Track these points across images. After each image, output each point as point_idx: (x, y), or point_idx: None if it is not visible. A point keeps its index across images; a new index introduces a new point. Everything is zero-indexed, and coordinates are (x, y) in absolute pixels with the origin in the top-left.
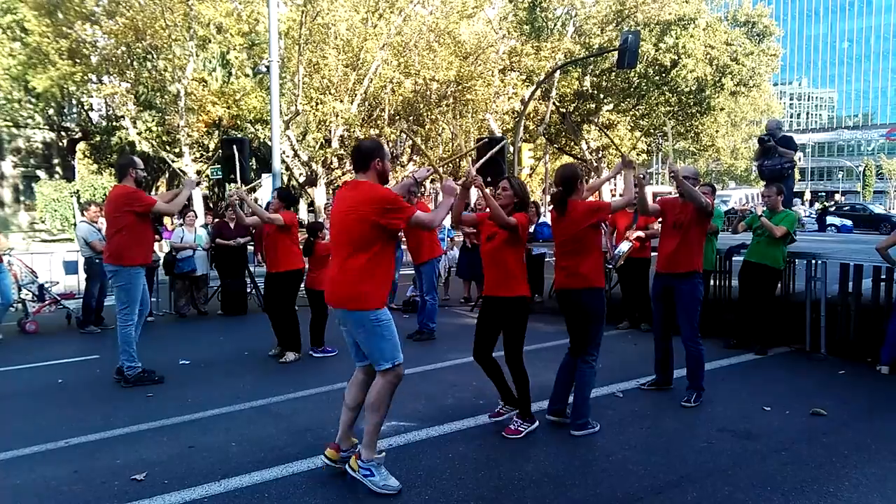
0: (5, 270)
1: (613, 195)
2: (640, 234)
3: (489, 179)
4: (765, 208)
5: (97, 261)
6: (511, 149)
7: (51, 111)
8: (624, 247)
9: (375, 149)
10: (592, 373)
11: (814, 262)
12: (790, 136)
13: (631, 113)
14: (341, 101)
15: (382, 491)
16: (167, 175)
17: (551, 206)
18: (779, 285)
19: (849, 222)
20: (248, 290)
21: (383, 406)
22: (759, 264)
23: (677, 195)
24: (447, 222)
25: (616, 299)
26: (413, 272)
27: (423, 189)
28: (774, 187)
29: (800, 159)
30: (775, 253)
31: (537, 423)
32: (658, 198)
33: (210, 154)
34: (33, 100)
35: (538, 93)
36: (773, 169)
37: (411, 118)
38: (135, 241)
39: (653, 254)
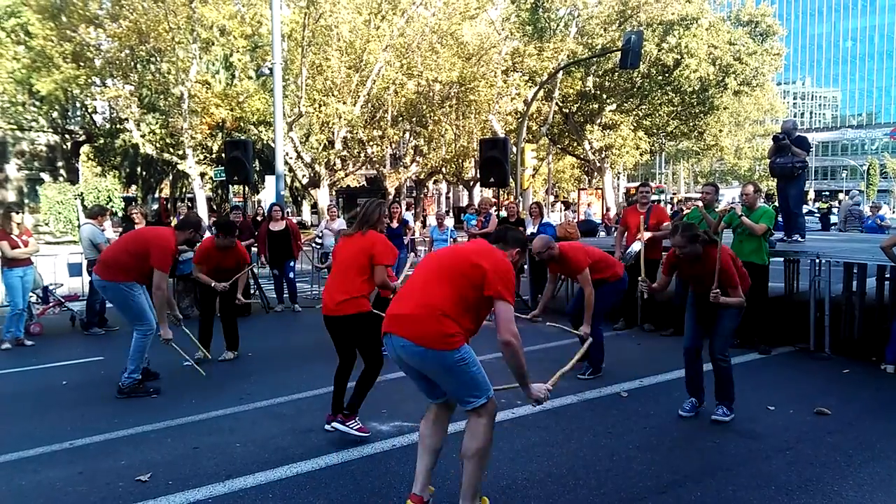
0: (31, 273)
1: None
2: (652, 234)
3: (492, 180)
4: (743, 205)
5: None
6: (514, 149)
7: (55, 114)
8: (636, 247)
9: (522, 242)
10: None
11: (818, 261)
12: (804, 137)
13: (634, 113)
14: (344, 103)
15: None
16: (171, 177)
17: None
18: (782, 284)
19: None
20: (252, 290)
21: (489, 452)
22: (745, 263)
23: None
24: (450, 223)
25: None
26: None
27: (426, 190)
28: (751, 185)
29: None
30: (758, 250)
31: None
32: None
33: (214, 156)
34: (37, 103)
35: (541, 93)
36: (784, 167)
37: (414, 119)
38: (133, 271)
39: (663, 254)
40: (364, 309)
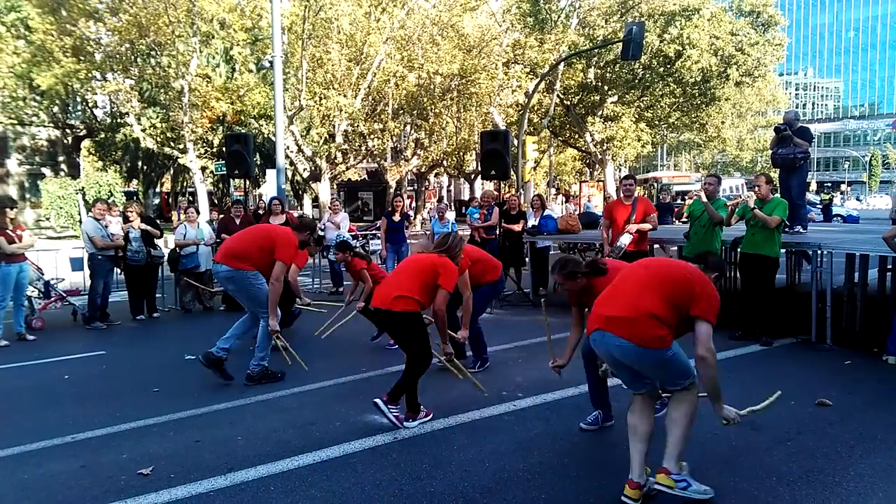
0: (27, 269)
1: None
2: (640, 226)
3: (493, 173)
4: (756, 198)
5: (100, 257)
6: (515, 142)
7: (55, 109)
8: (624, 240)
9: (721, 267)
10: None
11: (819, 252)
12: (807, 128)
13: (636, 104)
14: (345, 96)
15: (703, 496)
16: (172, 171)
17: None
18: (785, 276)
19: (855, 212)
20: None
21: (693, 419)
22: (756, 255)
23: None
24: (451, 216)
25: None
26: None
27: (427, 183)
28: (763, 177)
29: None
30: (770, 242)
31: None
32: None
33: (214, 150)
34: (38, 97)
35: (542, 85)
36: (785, 157)
37: (415, 112)
38: (258, 263)
39: (655, 247)
40: (413, 309)
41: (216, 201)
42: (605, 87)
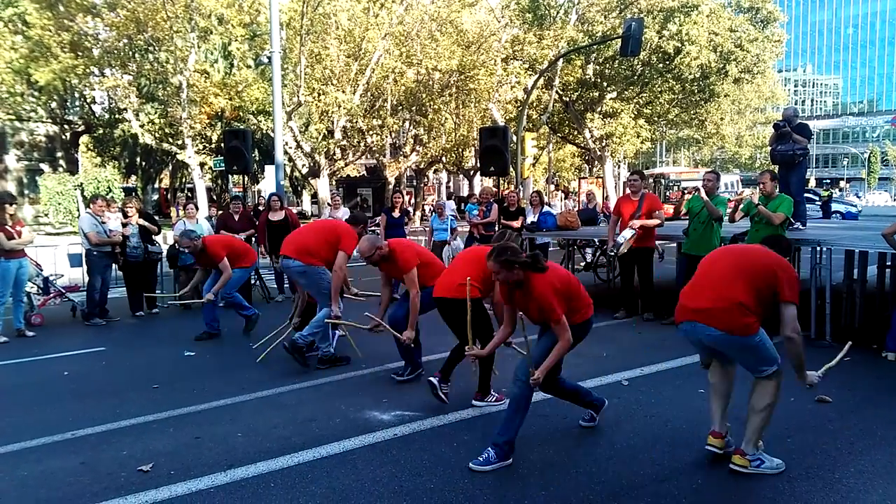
0: (27, 265)
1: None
2: (644, 222)
3: (492, 169)
4: (760, 195)
5: (96, 253)
6: (514, 138)
7: (53, 104)
8: (627, 234)
9: (790, 249)
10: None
11: (819, 248)
12: (805, 124)
13: (635, 101)
14: (343, 92)
15: (777, 470)
16: (170, 167)
17: None
18: None
19: (854, 209)
20: (253, 281)
21: (774, 408)
22: None
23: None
24: (450, 212)
25: (617, 288)
26: None
27: (426, 179)
28: (768, 173)
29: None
30: None
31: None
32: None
33: (213, 146)
34: (36, 93)
35: (541, 81)
36: (784, 154)
37: (414, 108)
38: (325, 256)
39: (657, 242)
40: (474, 295)
41: (215, 197)
42: (604, 84)
